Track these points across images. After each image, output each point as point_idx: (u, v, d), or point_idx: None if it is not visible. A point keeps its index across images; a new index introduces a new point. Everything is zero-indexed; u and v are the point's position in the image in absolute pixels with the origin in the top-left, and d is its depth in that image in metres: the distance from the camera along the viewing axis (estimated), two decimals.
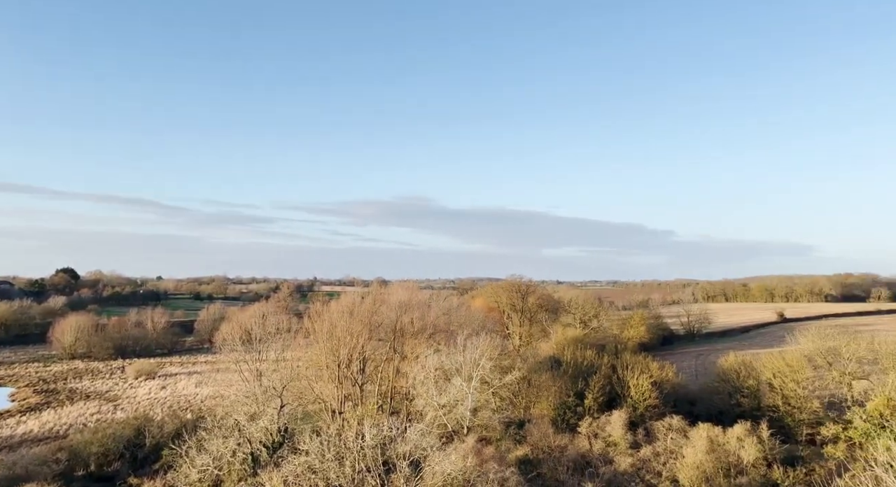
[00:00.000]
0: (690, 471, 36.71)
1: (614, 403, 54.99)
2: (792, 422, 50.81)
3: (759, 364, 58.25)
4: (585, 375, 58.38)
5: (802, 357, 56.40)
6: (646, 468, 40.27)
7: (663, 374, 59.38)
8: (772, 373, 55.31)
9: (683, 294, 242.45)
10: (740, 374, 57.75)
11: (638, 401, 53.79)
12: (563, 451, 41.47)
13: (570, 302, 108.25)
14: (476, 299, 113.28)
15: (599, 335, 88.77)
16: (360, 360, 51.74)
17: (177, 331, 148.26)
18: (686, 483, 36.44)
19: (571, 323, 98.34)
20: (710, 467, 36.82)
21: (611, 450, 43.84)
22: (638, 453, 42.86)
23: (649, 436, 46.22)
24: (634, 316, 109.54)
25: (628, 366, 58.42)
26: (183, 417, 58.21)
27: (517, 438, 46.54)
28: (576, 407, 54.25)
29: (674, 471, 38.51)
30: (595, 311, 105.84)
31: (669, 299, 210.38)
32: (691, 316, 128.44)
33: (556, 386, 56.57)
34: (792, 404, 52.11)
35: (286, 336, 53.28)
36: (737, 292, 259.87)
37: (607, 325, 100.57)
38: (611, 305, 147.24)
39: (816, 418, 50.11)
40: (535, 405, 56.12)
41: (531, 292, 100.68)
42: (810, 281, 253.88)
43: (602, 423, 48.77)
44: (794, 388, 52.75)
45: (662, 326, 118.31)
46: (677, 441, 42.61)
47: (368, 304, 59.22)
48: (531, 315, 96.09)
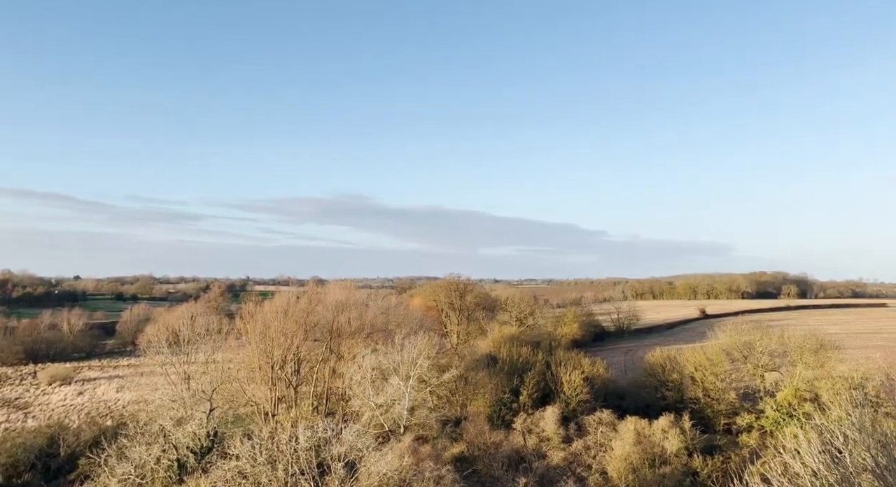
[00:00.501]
0: (619, 463, 38.19)
1: (548, 399, 56.38)
2: (711, 413, 53.81)
3: (683, 358, 61.32)
4: (521, 372, 59.57)
5: (721, 351, 59.76)
6: (577, 461, 41.60)
7: (594, 370, 61.47)
8: (694, 367, 58.36)
9: (614, 292, 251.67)
10: (665, 369, 60.63)
11: (570, 397, 55.39)
12: (498, 447, 42.17)
13: (507, 300, 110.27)
14: (414, 298, 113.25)
15: (535, 332, 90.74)
16: (294, 361, 50.63)
17: (96, 334, 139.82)
18: (614, 474, 37.89)
19: (508, 321, 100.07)
20: (637, 458, 38.44)
21: (544, 445, 44.97)
22: (570, 447, 44.21)
23: (581, 430, 47.72)
24: (568, 313, 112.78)
25: (561, 363, 60.05)
26: (102, 424, 54.98)
27: (454, 436, 46.91)
28: (511, 404, 55.25)
29: (603, 464, 39.96)
30: (531, 309, 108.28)
31: (601, 297, 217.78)
32: (621, 313, 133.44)
33: (492, 383, 57.44)
34: (711, 396, 55.21)
35: (217, 337, 51.44)
36: (663, 290, 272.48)
37: (542, 323, 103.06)
38: (546, 303, 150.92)
39: (733, 408, 53.26)
40: (471, 402, 56.77)
41: (469, 291, 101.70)
42: (729, 279, 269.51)
43: (536, 419, 49.91)
44: (714, 381, 55.90)
45: (594, 323, 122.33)
46: (607, 434, 44.22)
47: (304, 304, 58.03)
48: (469, 313, 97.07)
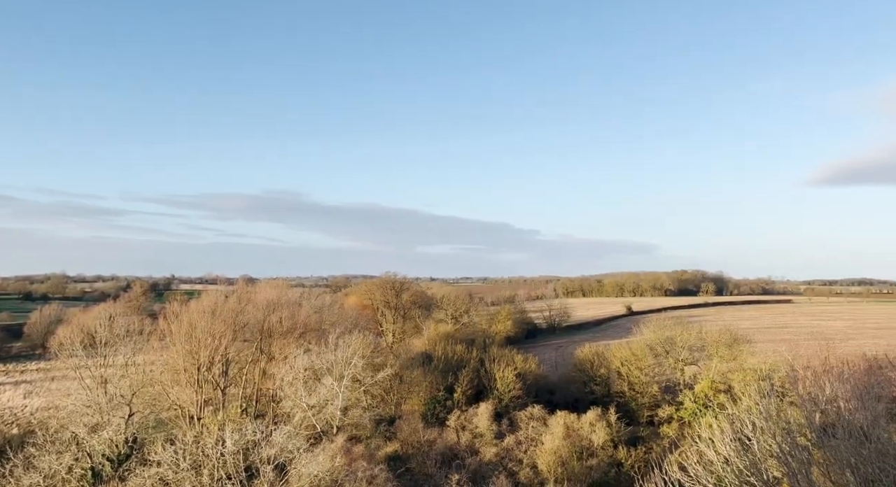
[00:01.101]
0: (548, 457, 39.26)
1: (482, 395, 57.16)
2: (636, 406, 56.30)
3: (610, 354, 63.79)
4: (455, 369, 60.12)
5: (645, 346, 62.62)
6: (509, 456, 42.43)
7: (527, 366, 62.91)
8: (620, 362, 60.84)
9: (547, 289, 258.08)
10: (594, 364, 62.87)
11: (503, 393, 56.42)
12: (431, 445, 42.37)
13: (443, 298, 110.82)
14: (349, 297, 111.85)
15: (470, 330, 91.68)
16: (222, 362, 48.78)
17: (1, 336, 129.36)
18: (544, 468, 38.92)
19: (444, 318, 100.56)
20: (566, 452, 39.65)
21: (477, 441, 45.58)
22: (502, 442, 45.01)
23: (513, 426, 48.67)
24: (502, 311, 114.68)
25: (495, 359, 61.04)
26: (7, 432, 50.91)
27: (387, 435, 46.74)
28: (445, 401, 55.64)
29: (534, 458, 40.95)
30: (466, 307, 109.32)
31: (534, 294, 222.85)
32: (553, 310, 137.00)
33: (427, 381, 57.64)
34: (636, 389, 57.76)
35: (138, 338, 48.80)
36: (592, 287, 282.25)
37: (477, 320, 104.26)
38: (480, 301, 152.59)
39: (655, 401, 55.93)
40: (406, 401, 56.76)
41: (405, 289, 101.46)
42: (653, 277, 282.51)
43: (470, 416, 50.49)
44: (638, 375, 58.52)
45: (527, 320, 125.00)
46: (538, 429, 45.32)
47: (233, 303, 56.06)
48: (405, 312, 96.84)
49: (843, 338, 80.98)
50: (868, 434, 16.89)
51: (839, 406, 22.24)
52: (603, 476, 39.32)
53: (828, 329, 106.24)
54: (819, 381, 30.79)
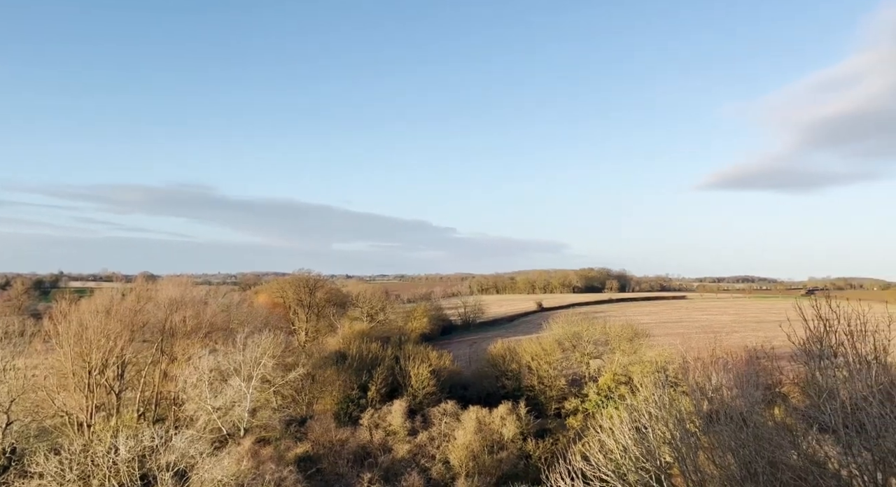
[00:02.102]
0: (460, 452, 39.93)
1: (396, 393, 57.13)
2: (544, 399, 58.45)
3: (521, 349, 65.80)
4: (370, 367, 59.69)
5: (554, 341, 65.13)
6: (422, 453, 42.73)
7: (441, 362, 63.59)
8: (530, 357, 62.90)
9: (462, 287, 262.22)
10: (506, 359, 64.59)
11: (418, 390, 56.70)
12: (344, 444, 41.83)
13: (359, 296, 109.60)
14: (260, 295, 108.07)
15: (385, 328, 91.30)
16: (118, 365, 45.55)
17: None
18: (456, 463, 39.56)
19: (359, 316, 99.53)
20: (478, 446, 40.50)
21: (390, 439, 45.52)
22: (415, 439, 45.23)
23: (426, 422, 49.02)
24: (418, 308, 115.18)
25: (410, 357, 61.22)
26: None
27: (298, 436, 45.62)
28: (359, 400, 55.13)
29: (446, 453, 41.50)
30: (382, 305, 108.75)
31: (450, 292, 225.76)
32: (467, 307, 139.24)
33: (340, 380, 56.81)
34: (545, 383, 59.97)
35: (18, 341, 44.55)
36: (506, 285, 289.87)
37: (393, 318, 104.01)
38: (396, 298, 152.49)
39: (563, 394, 58.34)
40: (318, 400, 55.64)
41: (320, 287, 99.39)
42: (563, 274, 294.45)
43: (384, 413, 50.31)
44: (548, 369, 60.78)
45: (443, 317, 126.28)
46: (451, 424, 45.95)
47: (131, 302, 52.50)
48: (319, 310, 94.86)
49: (729, 331, 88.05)
50: (746, 420, 18.49)
51: (723, 394, 24.20)
52: (512, 469, 40.53)
53: (716, 323, 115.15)
54: (707, 371, 33.37)
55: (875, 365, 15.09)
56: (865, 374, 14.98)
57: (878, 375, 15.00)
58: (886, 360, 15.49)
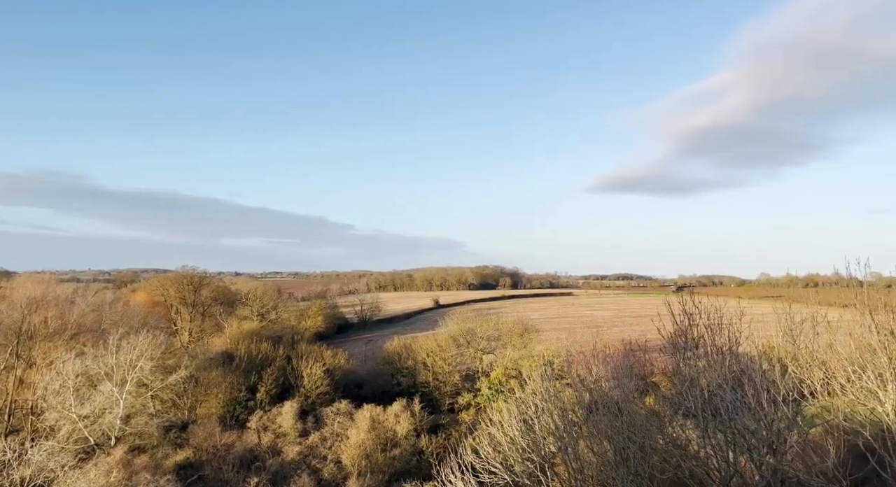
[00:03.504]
0: (353, 451, 39.49)
1: (288, 394, 55.35)
2: (439, 395, 59.28)
3: (417, 346, 66.27)
4: (260, 368, 57.36)
5: (449, 338, 66.26)
6: (313, 454, 41.75)
7: (336, 361, 62.49)
8: (426, 354, 63.53)
9: (359, 284, 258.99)
10: (402, 356, 64.75)
11: (310, 390, 55.30)
12: (229, 449, 39.88)
13: (249, 294, 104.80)
14: (138, 293, 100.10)
15: (277, 327, 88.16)
16: None
17: None
18: (348, 462, 39.07)
19: (249, 315, 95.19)
20: (371, 444, 40.27)
21: (280, 441, 44.04)
22: (307, 440, 44.11)
23: (319, 423, 47.95)
24: (312, 306, 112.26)
25: (303, 356, 59.56)
26: None
27: (178, 442, 42.86)
28: (247, 402, 52.81)
29: (338, 453, 40.86)
30: (274, 303, 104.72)
31: (347, 289, 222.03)
32: (364, 304, 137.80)
33: (227, 381, 54.06)
34: (440, 379, 60.84)
35: None
36: (403, 282, 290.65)
37: (286, 317, 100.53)
38: (290, 296, 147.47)
39: (457, 389, 59.50)
40: (202, 404, 52.58)
41: (205, 284, 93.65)
42: (459, 272, 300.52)
43: (273, 415, 48.56)
44: (442, 365, 61.69)
45: (339, 315, 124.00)
46: (344, 424, 45.28)
47: None
48: (205, 309, 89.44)
49: (609, 326, 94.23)
50: (621, 409, 19.86)
51: (602, 385, 25.85)
52: (405, 465, 40.72)
53: (598, 318, 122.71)
54: (588, 364, 35.53)
55: (729, 356, 16.81)
56: (721, 364, 16.64)
57: (731, 364, 16.72)
58: (738, 351, 17.30)
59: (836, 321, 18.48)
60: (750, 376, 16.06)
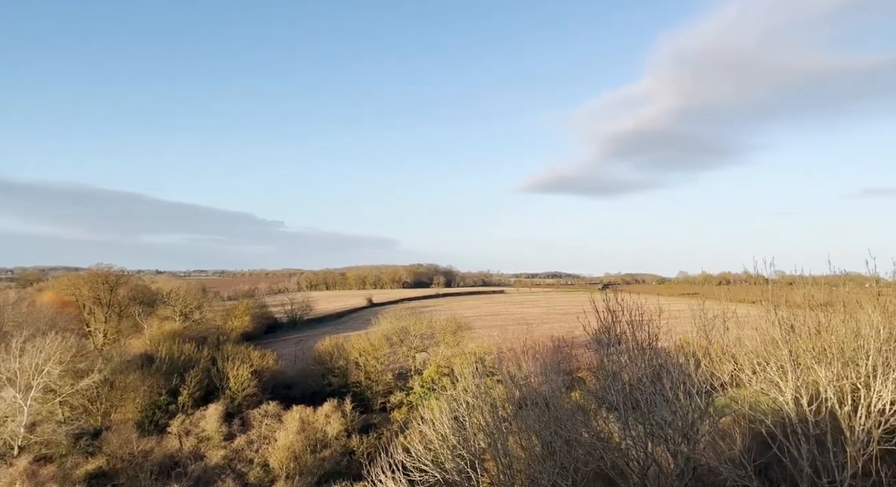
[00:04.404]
0: (281, 453, 38.50)
1: (212, 396, 53.29)
2: (371, 394, 58.81)
3: (349, 345, 65.46)
4: (182, 370, 54.86)
5: (382, 336, 65.89)
6: (238, 457, 40.39)
7: (264, 362, 60.73)
8: (358, 353, 62.86)
9: (290, 283, 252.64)
10: (333, 356, 63.75)
11: (237, 392, 53.50)
12: (147, 456, 37.90)
13: (171, 293, 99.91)
14: (46, 292, 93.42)
15: (202, 327, 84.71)
16: None
17: None
18: (276, 465, 38.06)
19: (171, 315, 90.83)
20: (300, 446, 39.40)
21: (203, 446, 42.31)
22: (232, 444, 42.63)
23: (245, 425, 46.42)
24: (240, 305, 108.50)
25: (229, 357, 57.52)
26: None
27: (90, 450, 40.33)
28: (168, 406, 50.42)
29: (266, 456, 39.72)
30: (198, 303, 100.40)
31: (276, 288, 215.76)
32: (295, 304, 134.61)
33: (145, 385, 51.36)
34: (372, 378, 60.36)
35: None
36: (336, 281, 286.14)
37: (211, 317, 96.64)
38: (216, 295, 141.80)
39: (389, 388, 59.26)
40: (118, 409, 49.74)
41: (122, 283, 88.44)
42: (393, 270, 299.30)
43: (197, 419, 46.60)
44: (375, 364, 61.24)
45: (268, 315, 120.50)
46: (272, 426, 44.07)
47: None
48: (121, 309, 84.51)
49: (539, 323, 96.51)
50: (549, 404, 20.43)
51: (531, 381, 26.48)
52: (336, 466, 40.14)
53: (529, 315, 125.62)
54: (518, 361, 36.28)
55: (648, 351, 17.65)
56: (641, 359, 17.45)
57: (651, 359, 17.57)
58: (657, 346, 18.20)
59: (744, 316, 19.73)
60: (667, 370, 16.93)
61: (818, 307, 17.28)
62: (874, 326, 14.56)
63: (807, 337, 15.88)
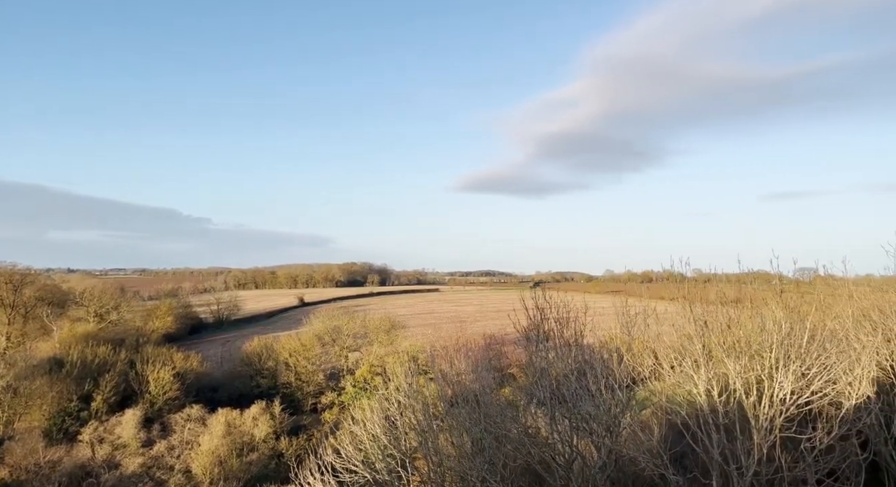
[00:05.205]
0: (205, 458, 37.04)
1: (130, 401, 50.57)
2: (301, 395, 57.61)
3: (279, 345, 63.83)
4: (96, 375, 51.67)
5: (314, 336, 64.67)
6: (158, 464, 38.55)
7: (188, 364, 58.25)
8: (288, 353, 61.38)
9: (216, 282, 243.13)
10: (262, 357, 61.93)
11: (157, 396, 50.99)
12: (55, 466, 35.47)
13: (84, 293, 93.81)
14: None
15: (119, 328, 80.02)
16: None
17: None
18: (199, 471, 36.57)
19: (84, 317, 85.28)
20: (225, 450, 38.05)
21: (119, 453, 40.09)
22: (151, 450, 40.64)
23: (166, 430, 44.39)
24: (162, 305, 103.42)
25: (149, 360, 54.75)
26: None
27: None
28: (79, 413, 47.39)
29: (188, 462, 38.09)
30: (115, 303, 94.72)
31: (202, 287, 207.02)
32: (221, 303, 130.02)
33: (54, 391, 48.02)
34: (303, 379, 59.12)
35: None
36: (266, 279, 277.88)
37: (130, 317, 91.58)
38: (135, 295, 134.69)
39: (320, 389, 58.23)
40: (23, 417, 46.26)
41: (28, 283, 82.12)
42: (326, 268, 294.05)
43: (112, 425, 44.14)
44: (306, 365, 60.01)
45: (192, 315, 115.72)
46: (195, 430, 42.35)
47: None
48: (27, 310, 78.47)
49: (473, 321, 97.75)
50: (479, 401, 20.67)
51: (462, 378, 26.70)
52: (263, 470, 39.04)
53: (462, 313, 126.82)
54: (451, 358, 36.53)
55: (575, 348, 18.20)
56: (568, 355, 17.97)
57: (577, 355, 18.12)
58: (583, 342, 18.80)
59: (664, 313, 20.71)
60: (592, 365, 17.51)
61: (729, 303, 18.42)
62: (777, 321, 15.65)
63: (718, 332, 16.87)
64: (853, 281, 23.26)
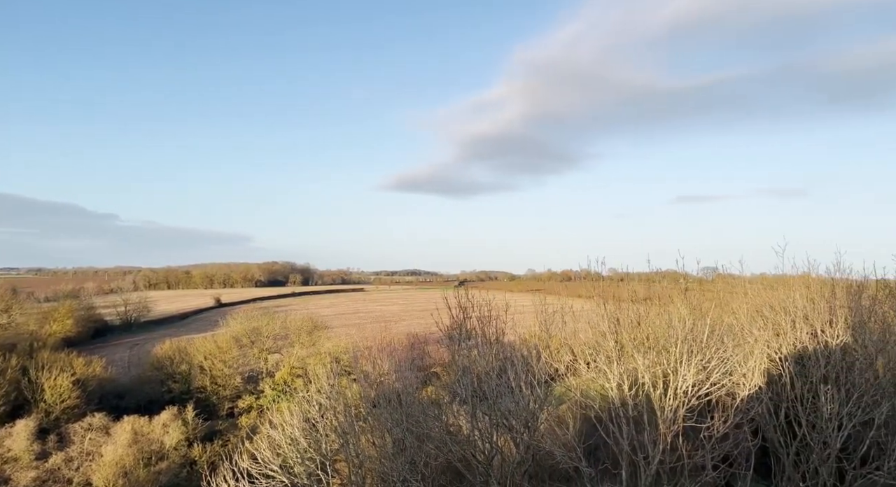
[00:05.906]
0: (108, 470, 34.65)
1: (22, 411, 46.45)
2: (217, 400, 55.19)
3: (193, 348, 60.81)
4: None
5: (231, 338, 62.11)
6: (53, 478, 35.68)
7: (89, 370, 54.31)
8: (203, 356, 58.59)
9: (124, 282, 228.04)
10: (174, 360, 58.75)
11: (54, 404, 47.19)
12: None
13: None
14: None
15: (10, 333, 73.26)
16: None
17: None
18: (101, 483, 34.16)
19: None
20: (131, 460, 35.78)
21: (8, 468, 36.72)
22: (45, 463, 37.50)
23: (63, 442, 41.11)
24: (60, 307, 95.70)
25: (45, 366, 50.53)
26: None
27: None
28: None
29: (88, 474, 35.52)
30: (6, 304, 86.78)
31: (107, 288, 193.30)
32: (129, 305, 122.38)
33: None
34: (219, 382, 56.63)
35: None
36: (179, 279, 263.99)
37: (23, 321, 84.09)
38: (29, 296, 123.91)
39: (237, 392, 56.03)
40: None
41: None
42: (245, 268, 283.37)
43: (1, 438, 40.31)
44: (222, 368, 57.52)
45: (96, 317, 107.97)
46: (97, 440, 39.54)
47: None
48: None
49: (397, 320, 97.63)
50: (402, 400, 20.64)
51: (385, 378, 26.56)
52: (174, 479, 37.05)
53: (387, 313, 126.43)
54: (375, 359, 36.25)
55: (496, 345, 18.57)
56: (489, 353, 18.31)
57: (498, 353, 18.50)
58: (504, 340, 19.22)
59: (580, 311, 21.56)
60: (512, 362, 17.94)
61: (639, 301, 19.44)
62: (682, 318, 16.70)
63: (629, 329, 17.76)
64: (748, 279, 25.23)
